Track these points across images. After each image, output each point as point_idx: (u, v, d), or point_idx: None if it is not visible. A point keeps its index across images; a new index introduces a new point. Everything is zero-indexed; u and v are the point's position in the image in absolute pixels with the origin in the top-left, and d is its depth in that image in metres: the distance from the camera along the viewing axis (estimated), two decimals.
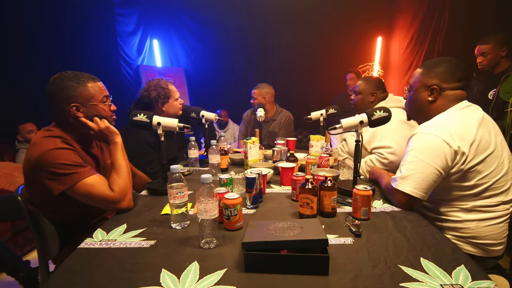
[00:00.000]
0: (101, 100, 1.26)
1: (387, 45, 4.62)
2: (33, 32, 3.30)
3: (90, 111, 1.23)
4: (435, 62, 1.27)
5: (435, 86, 1.22)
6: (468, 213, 1.17)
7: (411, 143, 1.19)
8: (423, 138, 1.15)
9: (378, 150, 1.70)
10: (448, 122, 1.16)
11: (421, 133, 1.16)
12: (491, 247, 1.16)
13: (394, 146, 1.66)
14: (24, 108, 3.13)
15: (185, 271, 0.79)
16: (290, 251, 0.82)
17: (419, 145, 1.15)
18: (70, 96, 1.18)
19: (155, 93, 1.84)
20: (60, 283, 0.76)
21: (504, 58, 2.36)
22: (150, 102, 1.85)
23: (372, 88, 1.86)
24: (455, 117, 1.18)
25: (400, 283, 0.73)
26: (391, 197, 1.24)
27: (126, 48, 4.20)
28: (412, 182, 1.13)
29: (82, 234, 1.11)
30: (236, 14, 4.38)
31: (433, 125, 1.17)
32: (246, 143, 1.68)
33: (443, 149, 1.10)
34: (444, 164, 1.11)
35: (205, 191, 0.90)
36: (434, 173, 1.12)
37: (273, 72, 4.48)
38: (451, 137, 1.11)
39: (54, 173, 1.09)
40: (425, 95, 1.25)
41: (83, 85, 1.21)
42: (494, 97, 2.34)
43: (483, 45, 2.39)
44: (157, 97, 1.84)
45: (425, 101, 1.25)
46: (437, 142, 1.11)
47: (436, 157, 1.11)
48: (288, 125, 2.84)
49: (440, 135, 1.11)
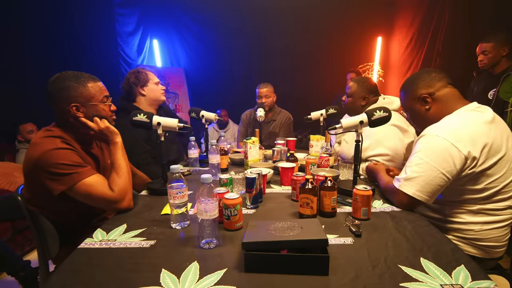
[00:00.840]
0: (101, 100, 1.26)
1: (387, 45, 4.62)
2: (33, 32, 3.30)
3: (90, 111, 1.23)
4: (410, 79, 1.32)
5: (424, 95, 1.23)
6: (474, 216, 1.14)
7: (418, 144, 1.16)
8: (431, 140, 1.11)
9: (375, 158, 1.67)
10: (458, 125, 1.11)
11: (429, 135, 1.13)
12: (493, 249, 1.16)
13: (390, 153, 1.65)
14: (24, 108, 3.13)
15: (185, 271, 0.79)
16: (290, 251, 0.82)
17: (426, 147, 1.12)
18: (70, 96, 1.18)
19: (133, 78, 1.89)
20: (60, 283, 0.76)
21: (504, 57, 2.35)
22: (130, 88, 1.89)
23: (364, 92, 1.82)
24: (465, 119, 1.13)
25: (400, 283, 0.73)
26: (391, 196, 1.23)
27: (126, 48, 4.21)
28: (416, 184, 1.11)
29: (82, 234, 1.11)
30: (236, 14, 4.38)
31: (441, 127, 1.14)
32: (246, 143, 1.68)
33: (451, 153, 1.06)
34: (451, 169, 1.07)
35: (205, 191, 0.90)
36: (440, 177, 1.08)
37: (273, 72, 4.48)
38: (461, 141, 1.06)
39: (54, 173, 1.09)
40: (420, 107, 1.26)
41: (83, 85, 1.21)
42: (494, 96, 2.33)
43: (485, 43, 2.37)
44: (136, 80, 1.88)
45: (423, 111, 1.25)
46: (445, 145, 1.07)
47: (443, 160, 1.07)
48: (288, 126, 2.84)
49: (449, 138, 1.07)
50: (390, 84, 4.54)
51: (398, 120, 1.73)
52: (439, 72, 1.26)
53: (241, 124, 2.95)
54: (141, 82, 1.89)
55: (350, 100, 1.88)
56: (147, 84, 1.90)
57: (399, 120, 1.73)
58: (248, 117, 2.91)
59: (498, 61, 2.37)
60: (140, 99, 1.91)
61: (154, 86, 1.93)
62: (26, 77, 3.17)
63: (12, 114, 3.05)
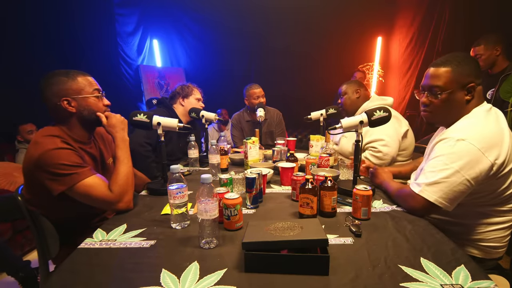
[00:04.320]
0: (92, 92, 1.26)
1: (387, 45, 4.62)
2: (33, 31, 3.30)
3: (82, 105, 1.23)
4: (462, 58, 1.12)
5: (472, 84, 1.09)
6: (481, 217, 1.13)
7: (439, 149, 1.09)
8: (456, 145, 1.04)
9: (371, 144, 1.76)
10: (482, 128, 1.05)
11: (451, 139, 1.05)
12: (494, 249, 1.15)
13: (386, 138, 1.73)
14: (24, 108, 3.12)
15: (185, 271, 0.79)
16: (290, 251, 0.82)
17: (450, 152, 1.04)
18: (60, 89, 1.19)
19: (180, 88, 2.21)
20: (60, 283, 0.76)
21: (500, 56, 2.37)
22: (174, 95, 2.20)
23: (355, 86, 2.04)
24: (487, 121, 1.07)
25: (400, 283, 0.73)
26: (405, 201, 1.17)
27: (126, 48, 4.20)
28: (439, 191, 1.05)
29: (82, 234, 1.11)
30: (236, 14, 4.38)
31: (465, 130, 1.06)
32: (246, 143, 1.68)
33: (479, 160, 1.00)
34: (476, 175, 1.01)
35: (205, 191, 0.90)
36: (465, 184, 1.02)
37: (273, 72, 4.49)
38: (488, 147, 1.01)
39: (54, 173, 1.09)
40: (461, 95, 1.11)
41: (73, 78, 1.22)
42: (492, 96, 2.34)
43: (476, 46, 2.43)
44: (180, 90, 2.19)
45: (462, 101, 1.12)
46: (473, 151, 1.01)
47: (469, 167, 1.01)
48: (281, 122, 2.85)
49: (476, 143, 1.01)
50: (390, 84, 4.54)
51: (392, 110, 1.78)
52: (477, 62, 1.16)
53: (233, 128, 2.86)
54: (183, 94, 2.18)
55: (345, 97, 2.06)
56: (188, 97, 2.18)
57: (393, 111, 1.77)
58: (239, 120, 2.84)
59: (494, 61, 2.39)
60: (178, 106, 2.17)
61: (194, 101, 2.19)
62: (25, 77, 3.15)
63: (12, 114, 3.05)
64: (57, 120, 1.24)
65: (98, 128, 1.37)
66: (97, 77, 1.31)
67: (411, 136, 1.89)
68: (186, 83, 2.25)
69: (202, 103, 2.26)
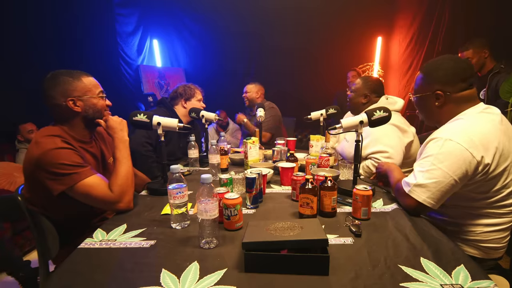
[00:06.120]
0: (97, 94, 1.27)
1: (387, 45, 4.62)
2: (33, 31, 3.30)
3: (87, 105, 1.24)
4: (434, 65, 1.19)
5: (439, 92, 1.15)
6: (477, 218, 1.13)
7: (428, 149, 1.11)
8: (444, 145, 1.06)
9: (375, 155, 1.68)
10: (470, 128, 1.07)
11: (440, 139, 1.08)
12: (493, 250, 1.15)
13: (389, 150, 1.65)
14: (24, 108, 3.13)
15: (185, 271, 0.79)
16: (290, 251, 0.82)
17: (438, 152, 1.06)
18: (65, 90, 1.20)
19: (182, 89, 2.17)
20: (60, 283, 0.76)
21: (488, 58, 2.51)
22: (176, 96, 2.17)
23: (367, 90, 1.84)
24: (476, 121, 1.09)
25: (400, 283, 0.73)
26: (400, 199, 1.21)
27: (126, 48, 4.20)
28: (427, 191, 1.08)
29: (82, 234, 1.11)
30: (236, 14, 4.38)
31: (454, 130, 1.09)
32: (246, 143, 1.68)
33: (465, 159, 1.03)
34: (463, 175, 1.04)
35: (205, 191, 0.90)
36: (452, 184, 1.05)
37: (273, 72, 4.49)
38: (474, 146, 1.03)
39: (54, 173, 1.09)
40: (431, 101, 1.18)
41: (78, 79, 1.23)
42: (485, 96, 2.48)
43: (465, 51, 2.54)
44: (183, 92, 2.16)
45: (433, 106, 1.18)
46: (459, 150, 1.03)
47: (457, 167, 1.03)
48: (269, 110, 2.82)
49: (463, 142, 1.03)
50: (390, 84, 4.54)
51: (399, 121, 1.74)
52: (468, 68, 1.16)
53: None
54: (186, 96, 2.16)
55: (352, 95, 1.91)
56: (191, 99, 2.17)
57: (399, 121, 1.74)
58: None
59: (483, 64, 2.53)
60: (180, 107, 2.16)
61: (196, 102, 2.18)
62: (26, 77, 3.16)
63: (12, 114, 3.05)
64: (58, 119, 1.24)
65: (99, 128, 1.37)
66: (97, 77, 1.31)
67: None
68: (187, 84, 2.23)
69: (203, 103, 2.25)
